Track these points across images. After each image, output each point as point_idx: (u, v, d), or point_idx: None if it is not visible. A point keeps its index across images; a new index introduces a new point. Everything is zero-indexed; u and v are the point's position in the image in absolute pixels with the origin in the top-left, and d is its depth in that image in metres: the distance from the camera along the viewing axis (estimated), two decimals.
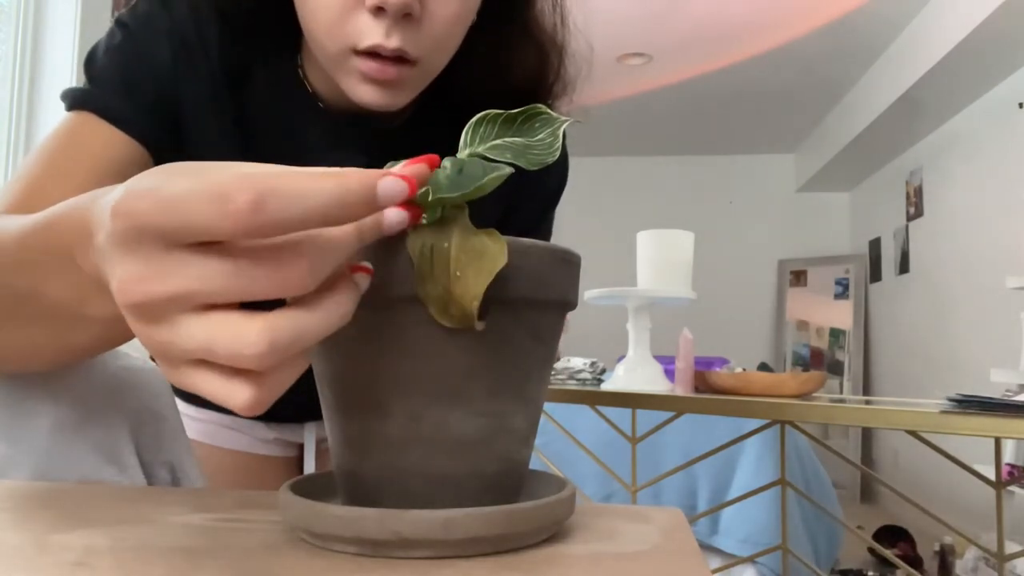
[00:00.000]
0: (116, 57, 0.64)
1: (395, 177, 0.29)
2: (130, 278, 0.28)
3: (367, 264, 0.32)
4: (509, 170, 0.33)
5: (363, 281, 0.31)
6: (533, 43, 0.70)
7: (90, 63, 0.65)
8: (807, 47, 3.67)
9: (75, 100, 0.62)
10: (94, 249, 0.31)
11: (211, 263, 0.27)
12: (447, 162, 0.35)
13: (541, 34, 0.71)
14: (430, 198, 0.32)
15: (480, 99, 0.70)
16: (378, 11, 0.55)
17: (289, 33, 0.65)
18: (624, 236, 2.50)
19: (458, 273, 0.32)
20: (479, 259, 0.32)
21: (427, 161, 0.31)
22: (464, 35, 0.62)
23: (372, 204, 0.28)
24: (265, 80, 0.68)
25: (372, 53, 0.57)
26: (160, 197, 0.27)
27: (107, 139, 0.61)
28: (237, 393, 0.28)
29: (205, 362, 0.28)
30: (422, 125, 0.72)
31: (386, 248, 0.33)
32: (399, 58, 0.57)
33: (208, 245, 0.28)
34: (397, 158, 0.35)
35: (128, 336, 0.42)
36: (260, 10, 0.65)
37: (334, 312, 0.29)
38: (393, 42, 0.56)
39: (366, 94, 0.59)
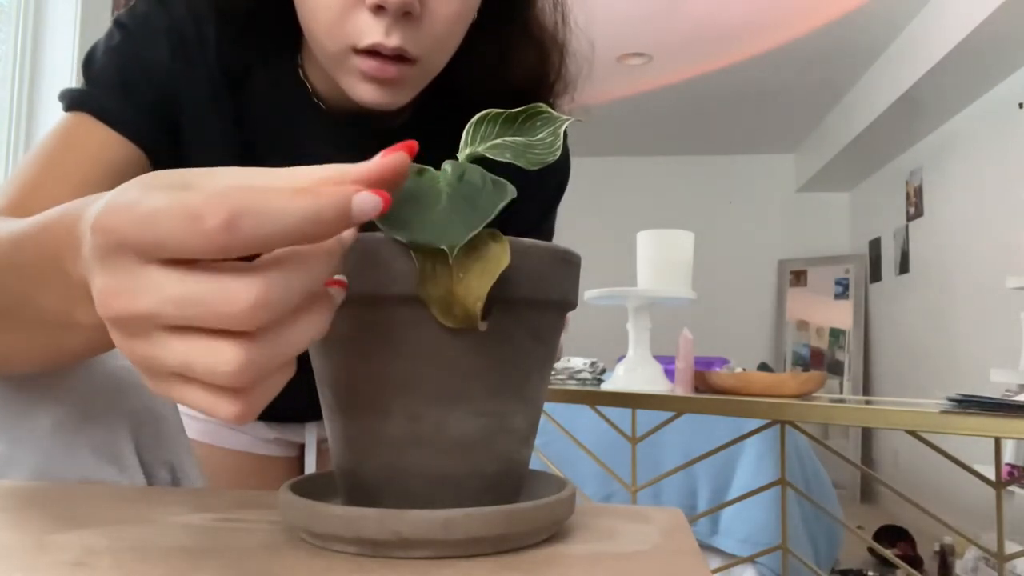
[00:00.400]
0: (114, 58, 0.64)
1: (369, 193, 0.29)
2: (108, 292, 0.28)
3: (342, 277, 0.32)
4: (513, 194, 0.33)
5: (338, 295, 0.31)
6: (534, 42, 0.70)
7: (88, 64, 0.64)
8: (807, 47, 3.67)
9: (72, 101, 0.62)
10: (81, 259, 0.31)
11: (181, 285, 0.27)
12: (447, 166, 0.35)
13: (542, 33, 0.71)
14: (451, 253, 0.32)
15: (481, 98, 0.70)
16: (378, 9, 0.55)
17: (289, 33, 0.65)
18: (624, 236, 2.50)
19: (461, 275, 0.32)
20: (482, 260, 0.32)
21: (405, 148, 0.31)
22: (464, 34, 0.62)
23: (347, 221, 0.28)
24: (265, 80, 0.68)
25: (372, 52, 0.56)
26: (136, 214, 0.27)
27: (104, 140, 0.61)
28: (222, 407, 0.28)
29: (192, 381, 0.28)
30: (423, 124, 0.72)
31: (387, 248, 0.33)
32: (399, 57, 0.57)
33: (187, 263, 0.27)
34: None
35: None
36: (260, 10, 0.65)
37: (309, 329, 0.29)
38: (393, 41, 0.55)
39: (366, 93, 0.59)
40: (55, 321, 0.39)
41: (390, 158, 0.30)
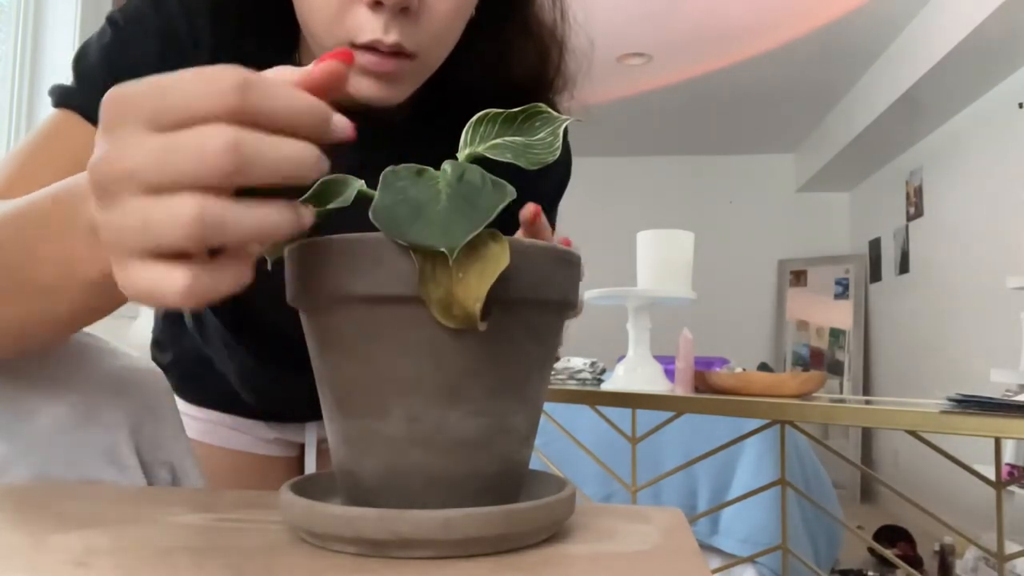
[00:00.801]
0: (103, 56, 0.63)
1: (346, 121, 0.33)
2: (100, 159, 0.30)
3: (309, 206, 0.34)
4: (513, 194, 0.33)
5: (306, 215, 0.33)
6: (533, 39, 0.70)
7: (79, 60, 0.63)
8: (807, 47, 3.67)
9: (60, 97, 0.61)
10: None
11: (163, 139, 0.29)
12: (447, 166, 0.35)
13: (541, 30, 0.70)
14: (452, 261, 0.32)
15: (480, 94, 0.69)
16: (376, 6, 0.55)
17: (287, 30, 0.65)
18: (624, 236, 2.50)
19: (461, 275, 0.32)
20: (481, 260, 0.32)
21: (340, 56, 0.34)
22: (463, 29, 0.62)
23: (327, 128, 0.32)
24: None
25: (370, 47, 0.56)
26: (153, 81, 0.30)
27: (88, 139, 0.60)
28: (174, 279, 0.30)
29: (152, 257, 0.30)
30: (422, 120, 0.72)
31: (387, 248, 0.33)
32: (398, 52, 0.57)
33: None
34: (396, 153, 0.36)
35: (111, 304, 0.43)
36: (256, 8, 0.64)
37: (267, 216, 0.31)
38: (391, 37, 0.55)
39: (365, 88, 0.58)
40: (50, 277, 0.41)
41: (325, 64, 0.34)
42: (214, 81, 0.29)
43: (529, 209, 0.46)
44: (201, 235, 0.29)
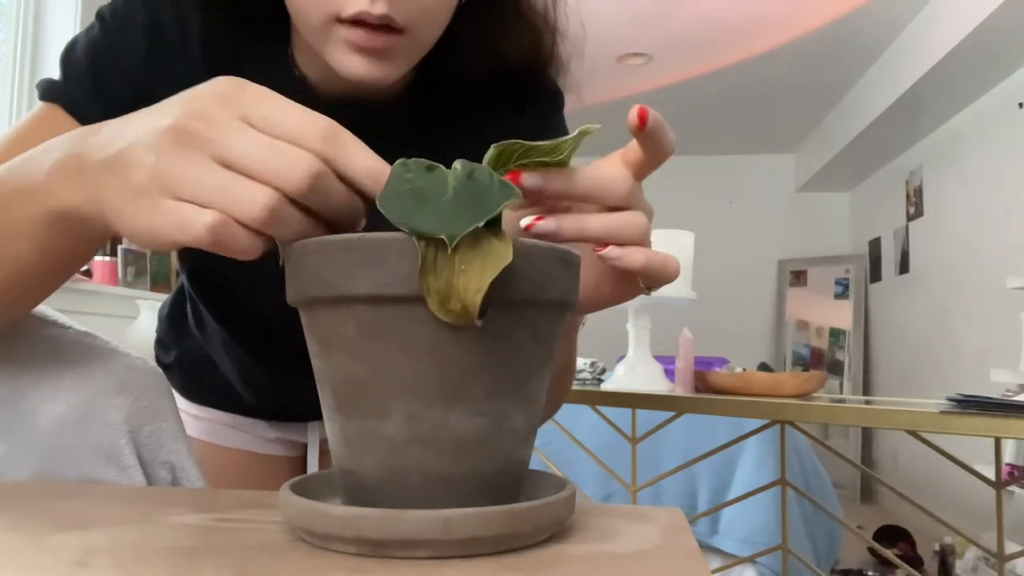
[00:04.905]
0: (90, 51, 0.62)
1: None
2: (191, 113, 0.36)
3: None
4: (518, 195, 0.34)
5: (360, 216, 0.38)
6: (525, 23, 0.69)
7: (66, 55, 0.63)
8: (807, 47, 3.67)
9: (46, 91, 0.61)
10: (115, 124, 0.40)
11: (263, 138, 0.35)
12: (458, 164, 0.36)
13: (533, 14, 0.70)
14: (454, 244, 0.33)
15: (473, 78, 0.69)
16: None
17: (278, 20, 0.64)
18: None
19: (463, 266, 0.32)
20: (484, 255, 0.32)
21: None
22: (454, 6, 0.61)
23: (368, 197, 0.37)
24: (254, 70, 0.67)
25: (358, 22, 0.55)
26: (268, 91, 0.37)
27: None
28: (204, 216, 0.34)
29: (179, 202, 0.35)
30: (414, 106, 0.71)
31: (387, 248, 0.33)
32: (386, 27, 0.56)
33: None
34: (389, 139, 0.37)
35: (70, 247, 0.44)
36: None
37: (313, 226, 0.36)
38: (379, 8, 0.54)
39: (354, 66, 0.57)
40: (13, 213, 0.43)
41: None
42: (315, 121, 0.35)
43: (634, 112, 0.47)
44: (269, 221, 0.34)
